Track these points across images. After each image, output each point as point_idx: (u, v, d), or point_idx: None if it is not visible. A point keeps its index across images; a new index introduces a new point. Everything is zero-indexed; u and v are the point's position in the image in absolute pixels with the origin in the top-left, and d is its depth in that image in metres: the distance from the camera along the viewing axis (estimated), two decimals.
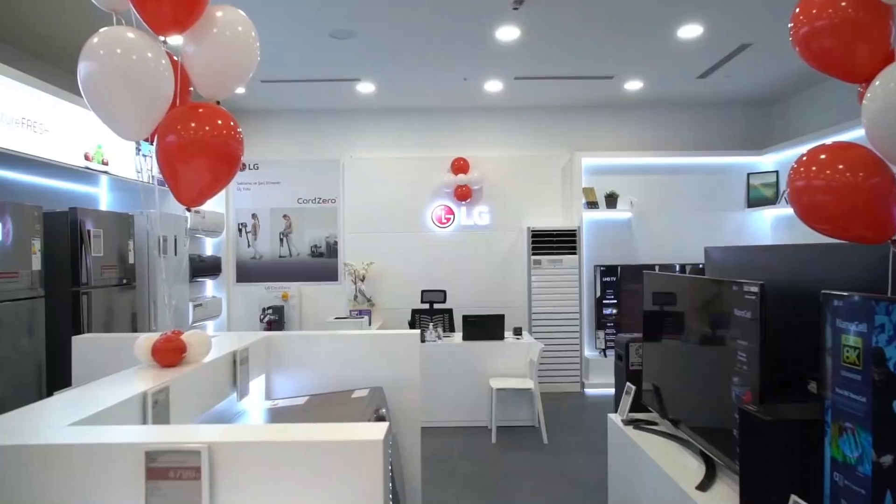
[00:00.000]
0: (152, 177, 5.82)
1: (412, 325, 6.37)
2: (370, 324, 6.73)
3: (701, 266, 6.61)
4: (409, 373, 2.65)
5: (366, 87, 6.42)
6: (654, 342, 3.12)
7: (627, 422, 3.12)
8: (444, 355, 5.46)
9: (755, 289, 2.08)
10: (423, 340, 5.51)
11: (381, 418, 2.22)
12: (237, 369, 2.19)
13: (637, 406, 3.18)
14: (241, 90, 6.36)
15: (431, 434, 5.23)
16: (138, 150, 5.62)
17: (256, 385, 2.55)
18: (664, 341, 2.98)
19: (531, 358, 5.31)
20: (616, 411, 3.36)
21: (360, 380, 2.60)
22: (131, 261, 4.97)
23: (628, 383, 3.22)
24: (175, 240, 5.60)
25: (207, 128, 1.93)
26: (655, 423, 3.07)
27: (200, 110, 1.97)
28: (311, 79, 6.11)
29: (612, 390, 6.81)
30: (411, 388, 2.66)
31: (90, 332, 4.38)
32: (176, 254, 5.63)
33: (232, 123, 2.00)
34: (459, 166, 7.16)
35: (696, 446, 2.57)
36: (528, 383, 5.16)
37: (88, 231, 4.35)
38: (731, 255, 3.11)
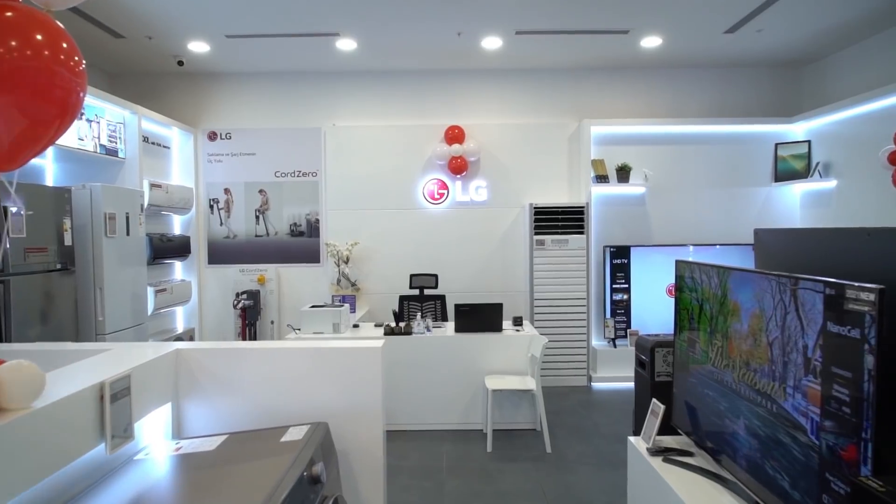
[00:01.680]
0: (99, 145, 5.10)
1: (399, 314, 5.70)
2: (354, 310, 6.06)
3: (710, 246, 5.90)
4: (367, 400, 1.98)
5: (346, 44, 5.65)
6: (689, 351, 2.43)
7: (654, 451, 2.45)
8: (434, 349, 4.80)
9: (870, 295, 1.39)
10: (409, 332, 4.84)
11: (314, 479, 1.54)
12: (106, 409, 1.51)
13: (664, 425, 2.51)
14: (204, 47, 5.61)
15: (417, 439, 4.59)
16: (81, 114, 4.90)
17: (160, 418, 1.87)
18: (706, 352, 2.29)
19: (533, 353, 4.65)
20: (636, 432, 2.70)
21: (300, 411, 1.93)
22: (68, 242, 4.27)
23: (655, 401, 2.54)
24: (127, 217, 4.91)
25: (15, 43, 1.21)
26: (690, 454, 2.41)
27: (9, 14, 1.24)
28: (284, 33, 5.35)
29: (623, 385, 6.25)
30: (371, 423, 1.99)
31: (13, 324, 3.72)
32: (128, 233, 4.94)
33: (65, 44, 1.28)
34: (454, 135, 6.42)
35: (747, 493, 1.91)
36: (530, 383, 4.50)
37: (3, 208, 3.64)
38: (790, 239, 2.41)
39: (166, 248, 5.94)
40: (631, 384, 6.21)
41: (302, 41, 5.57)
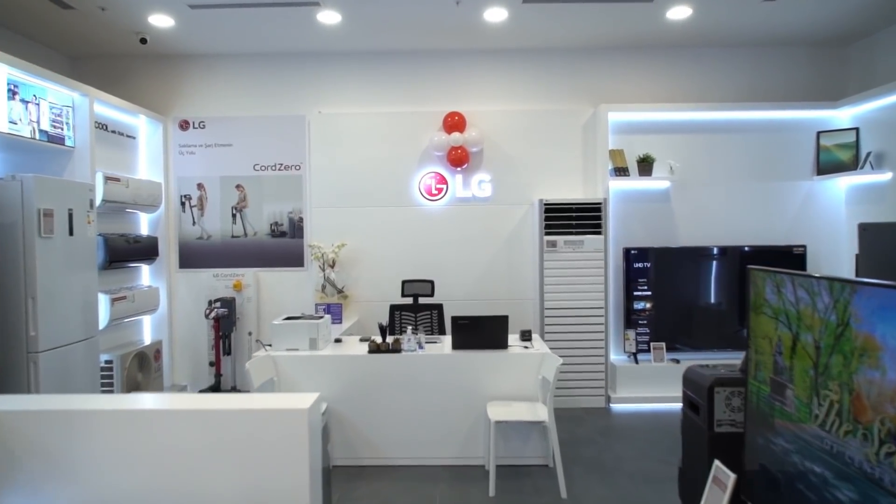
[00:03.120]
0: (39, 131, 4.40)
1: (390, 326, 4.98)
2: (340, 320, 5.35)
3: (741, 249, 5.14)
4: (285, 488, 1.24)
5: (329, 17, 4.93)
6: (775, 399, 1.68)
7: None
8: (427, 370, 4.07)
9: None
10: (397, 350, 4.11)
11: None
12: None
13: (735, 498, 1.77)
14: (167, 21, 4.91)
15: (406, 477, 3.86)
16: (12, 93, 4.19)
17: None
18: (806, 406, 1.55)
19: (544, 375, 3.91)
20: (683, 498, 1.96)
21: None
22: None
23: (719, 465, 1.80)
24: (71, 214, 4.21)
25: None
26: None
27: None
28: (255, 2, 4.64)
29: (646, 407, 5.44)
30: None
31: None
32: (72, 233, 4.24)
33: None
34: (453, 123, 5.69)
35: None
36: (540, 412, 3.76)
37: None
38: None
39: (128, 251, 5.24)
40: (656, 406, 5.51)
41: (278, 14, 4.86)
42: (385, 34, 5.39)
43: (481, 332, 4.12)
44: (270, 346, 4.21)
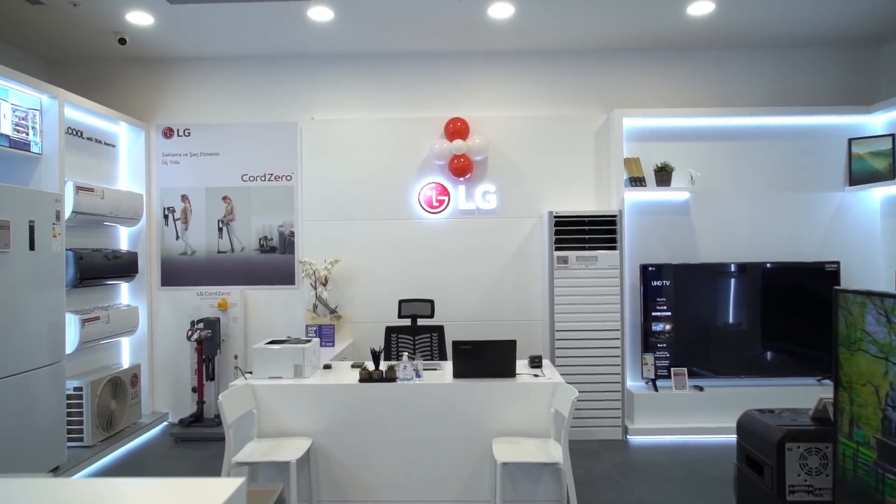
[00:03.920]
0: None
1: (386, 350, 4.53)
2: (332, 343, 4.91)
3: (767, 266, 4.69)
4: None
5: (321, 14, 4.56)
6: (889, 466, 1.23)
7: None
8: (426, 401, 3.61)
9: None
10: (391, 378, 3.66)
11: None
12: None
13: None
14: (146, 19, 4.54)
15: None
16: None
17: None
18: None
19: (557, 409, 3.45)
20: None
21: None
22: None
23: None
24: (32, 227, 3.80)
25: None
26: None
27: None
28: None
29: (667, 439, 4.82)
30: None
31: None
32: (33, 247, 3.83)
33: None
34: (456, 130, 5.28)
35: None
36: (553, 452, 3.29)
37: None
38: None
39: (103, 267, 4.83)
40: (678, 438, 4.99)
41: (265, 10, 4.49)
42: (382, 34, 5.01)
43: (486, 359, 3.67)
44: (251, 373, 3.77)
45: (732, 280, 5.08)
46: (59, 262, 4.15)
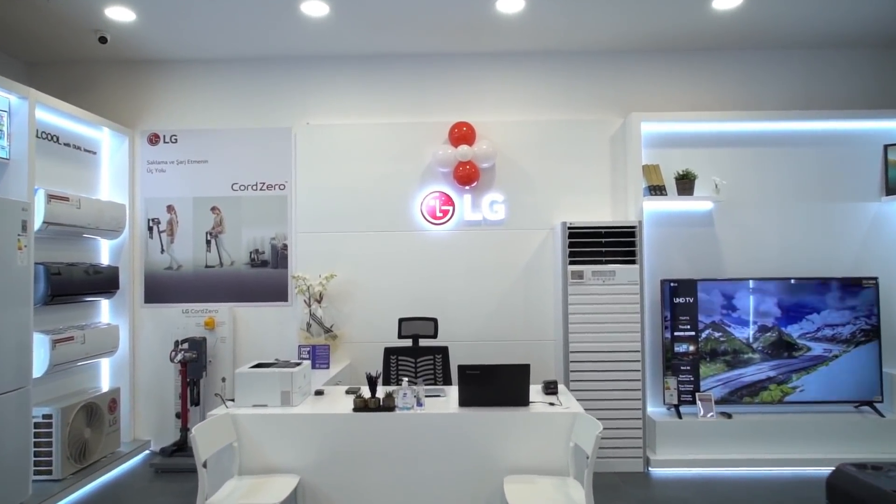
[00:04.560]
0: None
1: (385, 374, 4.13)
2: (327, 365, 4.51)
3: (794, 281, 4.31)
4: None
5: (315, 8, 4.22)
6: None
7: None
8: (428, 433, 3.20)
9: None
10: (389, 407, 3.25)
11: None
12: None
13: None
14: (127, 14, 4.21)
15: None
16: None
17: None
18: None
19: (577, 443, 3.04)
20: None
21: None
22: None
23: None
24: None
25: None
26: None
27: None
28: None
29: (693, 472, 4.24)
30: None
31: None
32: None
33: None
34: (461, 135, 4.93)
35: None
36: (574, 493, 2.88)
37: None
38: None
39: (79, 282, 4.46)
40: (704, 471, 4.44)
41: (255, 5, 4.16)
42: (381, 31, 4.67)
43: (496, 385, 3.27)
44: (233, 401, 3.37)
45: (760, 296, 4.67)
46: (25, 277, 3.78)
